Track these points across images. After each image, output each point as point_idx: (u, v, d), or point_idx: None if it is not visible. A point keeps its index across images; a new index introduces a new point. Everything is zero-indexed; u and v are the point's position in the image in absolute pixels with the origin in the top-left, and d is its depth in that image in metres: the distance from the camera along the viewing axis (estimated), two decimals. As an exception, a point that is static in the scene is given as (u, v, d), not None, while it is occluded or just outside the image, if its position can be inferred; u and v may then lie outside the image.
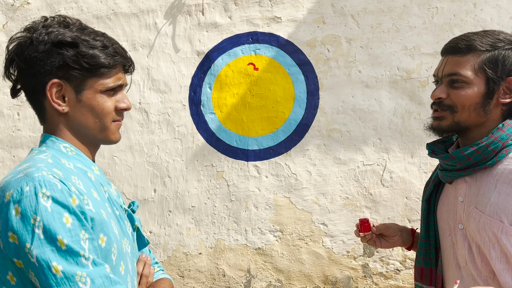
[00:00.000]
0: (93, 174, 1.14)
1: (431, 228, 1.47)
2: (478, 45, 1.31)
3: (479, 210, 1.29)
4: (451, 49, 1.35)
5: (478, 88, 1.32)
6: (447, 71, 1.34)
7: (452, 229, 1.40)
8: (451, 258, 1.40)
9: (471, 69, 1.32)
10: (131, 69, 1.21)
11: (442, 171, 1.41)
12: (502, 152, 1.31)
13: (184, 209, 3.33)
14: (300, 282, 3.16)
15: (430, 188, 1.48)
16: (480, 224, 1.29)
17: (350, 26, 3.20)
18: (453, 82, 1.34)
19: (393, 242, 1.59)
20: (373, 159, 3.12)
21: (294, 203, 3.20)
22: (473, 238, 1.31)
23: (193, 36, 3.42)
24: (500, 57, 1.31)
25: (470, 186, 1.34)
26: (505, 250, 1.26)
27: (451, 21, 3.08)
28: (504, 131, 1.32)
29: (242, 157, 3.29)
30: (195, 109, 3.38)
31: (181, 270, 3.32)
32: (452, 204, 1.41)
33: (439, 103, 1.35)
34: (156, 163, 3.40)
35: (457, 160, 1.33)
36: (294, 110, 3.25)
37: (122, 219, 1.17)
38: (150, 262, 1.30)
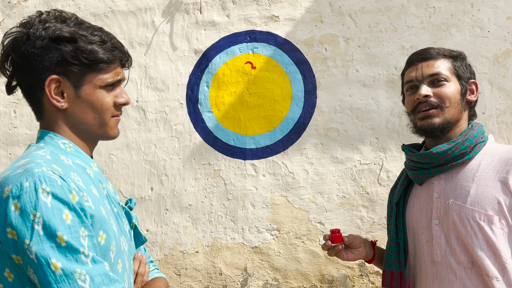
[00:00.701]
0: (92, 171, 1.14)
1: (400, 231, 1.55)
2: (444, 52, 1.51)
3: (459, 202, 1.38)
4: (423, 57, 1.52)
5: (456, 85, 1.48)
6: (428, 72, 1.49)
7: (425, 227, 1.48)
8: (424, 256, 1.47)
9: (447, 70, 1.49)
10: (129, 63, 1.21)
11: (416, 170, 1.48)
12: (476, 149, 1.46)
13: (181, 207, 3.34)
14: (296, 281, 3.17)
15: (400, 192, 1.56)
16: (462, 215, 1.38)
17: (348, 25, 3.21)
18: (436, 81, 1.48)
19: (358, 254, 1.63)
20: (370, 158, 3.14)
21: (291, 202, 3.21)
22: (452, 231, 1.40)
23: (190, 35, 3.42)
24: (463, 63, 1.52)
25: (446, 182, 1.45)
26: (487, 238, 1.36)
27: (448, 21, 3.09)
28: (475, 130, 1.48)
29: (240, 155, 3.30)
30: (193, 107, 3.38)
31: (177, 269, 3.32)
32: (425, 203, 1.49)
33: (427, 102, 1.44)
34: (153, 161, 3.40)
35: (436, 156, 1.43)
36: (291, 109, 3.26)
37: (120, 216, 1.17)
38: (145, 260, 1.30)
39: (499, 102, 3.01)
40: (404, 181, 1.60)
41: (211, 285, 3.27)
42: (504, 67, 3.02)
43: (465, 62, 1.54)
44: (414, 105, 1.50)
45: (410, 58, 1.56)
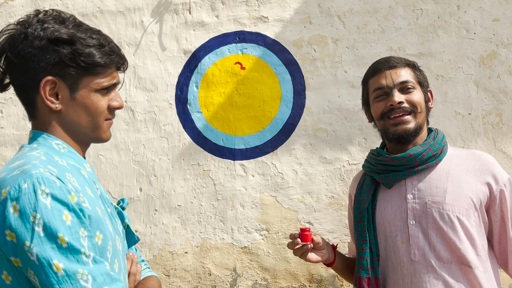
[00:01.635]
0: (86, 171, 1.15)
1: (371, 236, 1.56)
2: (405, 61, 1.60)
3: (438, 200, 1.44)
4: (389, 65, 1.59)
5: (421, 93, 1.57)
6: (399, 80, 1.56)
7: (400, 229, 1.52)
8: (400, 258, 1.51)
9: (412, 78, 1.57)
10: (124, 67, 1.22)
11: (389, 173, 1.52)
12: (444, 151, 1.56)
13: (170, 208, 3.35)
14: (285, 280, 3.20)
15: (368, 197, 1.58)
16: (442, 211, 1.45)
17: (337, 26, 3.26)
18: (406, 88, 1.55)
19: (321, 255, 1.61)
20: (358, 159, 3.18)
21: (280, 202, 3.24)
22: (431, 228, 1.45)
23: (180, 35, 3.44)
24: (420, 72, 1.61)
25: (420, 182, 1.49)
26: (466, 231, 1.43)
27: (435, 23, 3.15)
28: (440, 134, 1.59)
29: (229, 156, 3.33)
30: (182, 107, 3.40)
31: (166, 269, 3.34)
32: (398, 205, 1.53)
33: (400, 108, 1.50)
34: (142, 162, 3.41)
35: (414, 158, 1.48)
36: (280, 110, 3.29)
37: (114, 216, 1.19)
38: (137, 260, 1.31)
39: (485, 103, 3.07)
40: (370, 185, 1.62)
41: (200, 286, 3.29)
42: (490, 68, 3.09)
43: (421, 71, 1.64)
44: (385, 111, 1.54)
45: (375, 67, 1.61)
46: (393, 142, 1.57)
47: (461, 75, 3.09)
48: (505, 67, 3.07)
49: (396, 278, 1.53)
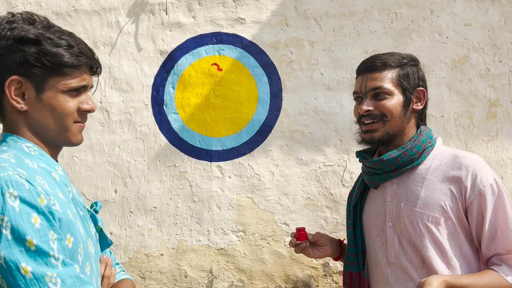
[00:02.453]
0: (57, 174, 1.14)
1: (357, 233, 1.63)
2: (391, 62, 1.56)
3: (409, 206, 1.47)
4: (368, 68, 1.56)
5: (398, 98, 1.56)
6: (371, 86, 1.57)
7: (380, 229, 1.56)
8: (380, 257, 1.55)
9: (391, 82, 1.55)
10: (99, 71, 1.21)
11: (370, 176, 1.57)
12: (424, 154, 1.55)
13: (146, 210, 3.33)
14: (262, 281, 3.22)
15: (357, 196, 1.64)
16: (412, 218, 1.47)
17: (313, 29, 3.29)
18: (377, 95, 1.56)
19: (324, 251, 1.71)
20: (334, 160, 3.22)
21: (256, 203, 3.26)
22: (403, 233, 1.48)
23: (156, 35, 3.42)
24: (410, 71, 1.57)
25: (398, 186, 1.53)
26: (434, 238, 1.44)
27: (410, 27, 3.21)
28: (423, 135, 1.56)
29: (205, 157, 3.32)
30: (158, 109, 3.38)
31: (142, 272, 3.31)
32: (380, 206, 1.57)
33: (369, 115, 1.51)
34: (117, 163, 3.38)
35: (387, 163, 1.51)
36: (257, 111, 3.30)
37: (86, 219, 1.18)
38: (111, 263, 1.31)
39: (457, 105, 3.14)
40: (361, 185, 1.68)
41: (176, 288, 3.28)
42: (462, 72, 3.16)
43: (414, 68, 1.58)
44: (358, 117, 1.58)
45: (358, 67, 1.64)
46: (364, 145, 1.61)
47: (434, 78, 3.16)
48: (476, 71, 3.15)
49: (377, 276, 1.57)
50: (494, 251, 1.44)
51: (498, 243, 1.41)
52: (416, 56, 1.70)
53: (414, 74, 1.58)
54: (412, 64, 1.59)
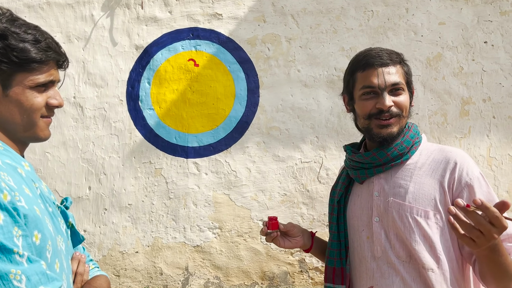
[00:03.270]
0: (24, 170, 1.11)
1: (341, 228, 1.62)
2: (395, 58, 1.55)
3: (398, 200, 1.47)
4: (381, 62, 1.53)
5: (407, 94, 1.55)
6: (390, 81, 1.51)
7: (366, 224, 1.56)
8: (365, 252, 1.56)
9: (403, 78, 1.53)
10: (65, 64, 1.19)
11: (357, 170, 1.56)
12: (413, 149, 1.55)
13: (121, 207, 3.29)
14: (238, 278, 3.21)
15: (341, 190, 1.63)
16: (401, 212, 1.46)
17: (290, 25, 3.29)
18: (396, 90, 1.52)
19: (296, 242, 1.71)
20: (310, 157, 3.23)
21: (233, 200, 3.25)
22: (391, 227, 1.49)
23: (131, 30, 3.37)
24: (408, 69, 1.58)
25: (385, 181, 1.53)
26: (423, 232, 1.45)
27: (385, 25, 3.24)
28: (411, 131, 1.56)
29: (182, 154, 3.30)
30: (133, 104, 3.34)
31: (116, 269, 3.27)
32: (366, 201, 1.57)
33: (388, 111, 1.49)
34: (91, 159, 3.33)
35: (377, 157, 1.51)
36: (234, 108, 3.29)
37: (56, 216, 1.15)
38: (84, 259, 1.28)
39: (431, 103, 3.19)
40: (345, 179, 1.67)
41: (151, 285, 3.25)
42: (436, 70, 3.21)
43: (408, 66, 1.59)
44: (373, 112, 1.53)
45: (367, 60, 1.55)
46: (375, 143, 1.57)
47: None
48: (450, 69, 3.21)
49: (361, 271, 1.57)
50: None
51: None
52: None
53: (410, 70, 1.59)
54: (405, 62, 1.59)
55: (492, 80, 3.20)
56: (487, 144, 3.17)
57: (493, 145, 3.17)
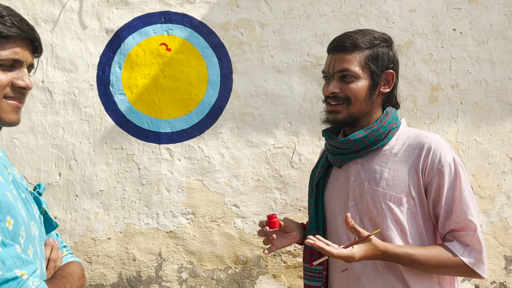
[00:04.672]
0: None
1: (319, 210, 1.66)
2: (361, 43, 1.53)
3: (373, 186, 1.50)
4: (338, 48, 1.55)
5: (366, 81, 1.54)
6: (338, 68, 1.54)
7: (342, 208, 1.60)
8: (340, 235, 1.60)
9: (358, 65, 1.53)
10: (39, 50, 1.16)
11: (335, 155, 1.59)
12: (389, 135, 1.57)
13: (92, 193, 3.27)
14: (211, 263, 3.25)
15: (320, 174, 1.66)
16: (375, 197, 1.50)
17: (263, 10, 3.30)
18: (344, 77, 1.54)
19: (292, 238, 1.70)
20: (284, 142, 3.27)
21: (207, 186, 3.27)
22: (365, 212, 1.52)
23: (101, 13, 3.32)
24: (380, 53, 1.55)
25: (362, 166, 1.56)
26: (396, 218, 1.48)
27: (358, 11, 3.29)
28: (389, 116, 1.57)
29: (154, 139, 3.29)
30: (104, 89, 3.30)
31: (88, 256, 3.26)
32: (343, 185, 1.60)
33: (334, 97, 1.53)
34: (61, 145, 3.28)
35: (353, 143, 1.53)
36: (207, 93, 3.30)
37: (29, 202, 1.15)
38: (58, 246, 1.28)
39: (402, 89, 3.27)
40: (325, 163, 1.69)
41: (124, 272, 3.26)
42: (406, 56, 3.28)
43: (385, 50, 1.56)
44: (325, 96, 1.59)
45: (329, 45, 1.60)
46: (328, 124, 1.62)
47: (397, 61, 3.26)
48: (420, 56, 3.28)
49: None
50: (448, 228, 1.49)
51: (453, 220, 1.45)
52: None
53: (384, 56, 1.55)
54: (384, 45, 1.57)
55: (460, 67, 3.29)
56: (454, 129, 3.27)
57: (460, 131, 3.28)
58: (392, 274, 1.51)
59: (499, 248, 3.29)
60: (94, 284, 3.26)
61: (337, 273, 1.62)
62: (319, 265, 1.63)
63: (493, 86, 3.30)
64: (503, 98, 3.30)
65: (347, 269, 1.58)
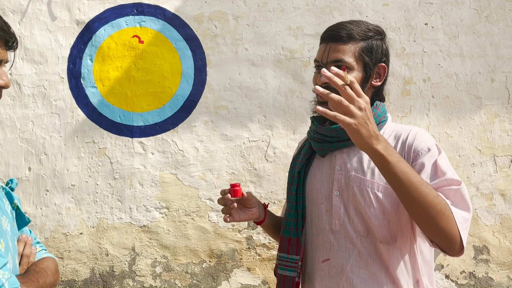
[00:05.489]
0: None
1: (299, 199, 1.67)
2: (356, 34, 1.52)
3: (359, 175, 1.53)
4: (333, 37, 1.54)
5: (358, 73, 1.53)
6: (332, 58, 1.52)
7: (326, 197, 1.61)
8: (323, 225, 1.61)
9: (353, 56, 1.52)
10: (15, 45, 1.17)
11: (321, 143, 1.61)
12: (379, 127, 1.56)
13: (63, 188, 3.26)
14: (186, 257, 3.29)
15: (302, 162, 1.69)
16: (362, 187, 1.52)
17: (237, 3, 3.32)
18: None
19: (251, 214, 1.70)
20: (258, 135, 3.32)
21: (181, 180, 3.30)
22: (351, 201, 1.55)
23: (72, 4, 3.29)
24: (374, 46, 1.54)
25: (348, 155, 1.58)
26: (383, 207, 1.51)
27: (331, 4, 3.34)
28: (379, 109, 1.58)
29: (127, 133, 3.29)
30: (75, 82, 3.28)
31: (60, 252, 3.25)
32: (327, 175, 1.62)
33: (326, 88, 1.54)
34: (31, 139, 3.26)
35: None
36: (181, 86, 3.31)
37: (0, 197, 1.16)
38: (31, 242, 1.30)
39: (375, 83, 3.35)
40: (307, 151, 1.70)
41: (97, 267, 3.26)
42: (379, 51, 3.36)
43: (379, 43, 1.56)
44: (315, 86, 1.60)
45: (323, 33, 1.58)
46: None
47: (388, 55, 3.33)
48: (392, 50, 3.37)
49: (317, 243, 1.62)
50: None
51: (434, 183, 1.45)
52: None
53: (378, 48, 1.53)
54: (378, 38, 1.55)
55: (431, 61, 3.39)
56: (426, 122, 3.37)
57: (432, 124, 3.38)
58: (376, 265, 1.53)
59: (469, 238, 3.42)
60: (66, 280, 3.25)
61: (317, 263, 1.63)
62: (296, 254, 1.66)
63: (464, 80, 3.41)
64: (473, 91, 3.41)
65: (328, 259, 1.59)
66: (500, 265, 3.42)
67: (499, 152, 3.43)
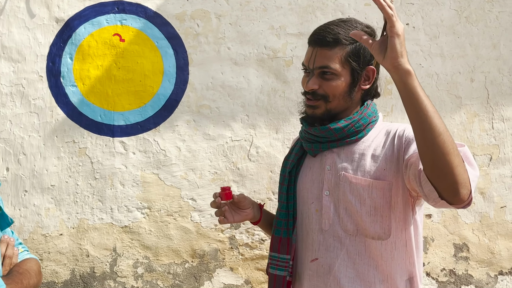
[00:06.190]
0: None
1: (290, 199, 1.71)
2: (343, 38, 1.54)
3: (350, 174, 1.56)
4: (320, 42, 1.58)
5: (345, 79, 1.56)
6: (319, 64, 1.56)
7: (316, 197, 1.65)
8: (313, 225, 1.64)
9: (339, 62, 1.55)
10: None
11: (311, 143, 1.65)
12: (369, 127, 1.61)
13: (42, 188, 3.24)
14: (168, 257, 3.30)
15: (294, 161, 1.72)
16: (352, 185, 1.56)
17: (220, 2, 3.35)
18: (324, 74, 1.56)
19: (245, 215, 1.75)
20: (241, 135, 3.35)
21: (162, 180, 3.31)
22: (341, 201, 1.58)
23: (51, 1, 3.27)
24: (362, 49, 1.56)
25: (338, 155, 1.61)
26: (375, 204, 1.54)
27: (314, 4, 3.39)
28: (369, 109, 1.62)
29: (107, 132, 3.29)
30: (54, 81, 3.27)
31: (39, 253, 3.24)
32: (317, 174, 1.65)
33: (313, 93, 1.58)
34: (9, 139, 3.24)
35: (333, 132, 1.58)
36: (163, 85, 3.33)
37: (-16, 198, 1.17)
38: (13, 243, 1.31)
39: (357, 83, 3.41)
40: (299, 151, 1.73)
41: (77, 268, 3.26)
42: (361, 50, 3.42)
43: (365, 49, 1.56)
44: (304, 90, 1.64)
45: (311, 37, 1.60)
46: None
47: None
48: (374, 50, 3.43)
49: (307, 243, 1.65)
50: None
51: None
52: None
53: (366, 51, 1.55)
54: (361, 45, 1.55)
55: (412, 60, 3.46)
56: (407, 121, 3.44)
57: (413, 123, 3.45)
58: (364, 264, 1.55)
59: (449, 236, 3.51)
60: (45, 282, 3.24)
61: (306, 262, 1.66)
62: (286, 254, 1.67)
63: (444, 79, 3.49)
64: (453, 91, 3.50)
65: (317, 258, 1.61)
66: (479, 262, 3.52)
67: (479, 151, 3.53)
